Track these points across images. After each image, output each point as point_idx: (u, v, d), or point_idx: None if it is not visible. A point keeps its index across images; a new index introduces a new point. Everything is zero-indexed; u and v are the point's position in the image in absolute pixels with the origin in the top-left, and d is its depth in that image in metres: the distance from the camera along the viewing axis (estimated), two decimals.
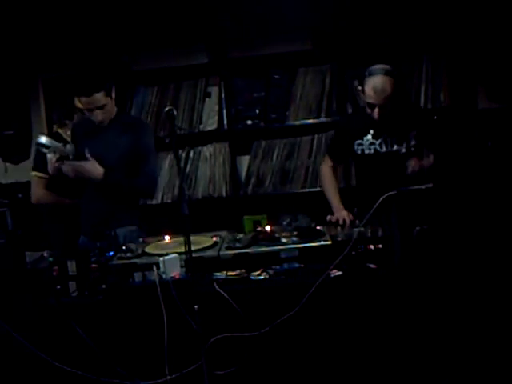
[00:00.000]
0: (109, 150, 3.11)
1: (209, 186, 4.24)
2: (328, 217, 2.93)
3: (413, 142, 3.11)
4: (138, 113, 4.29)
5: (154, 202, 4.25)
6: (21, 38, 4.12)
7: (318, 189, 3.40)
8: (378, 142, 3.14)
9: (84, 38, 4.13)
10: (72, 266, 2.45)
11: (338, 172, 3.49)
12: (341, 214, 2.94)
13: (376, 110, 3.00)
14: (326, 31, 4.08)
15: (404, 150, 3.11)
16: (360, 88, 3.10)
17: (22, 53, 4.19)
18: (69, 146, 3.08)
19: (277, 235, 2.64)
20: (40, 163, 3.32)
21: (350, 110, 4.09)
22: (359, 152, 3.18)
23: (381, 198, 2.52)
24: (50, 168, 3.07)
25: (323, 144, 4.14)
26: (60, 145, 3.05)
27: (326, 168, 3.32)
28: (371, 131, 3.14)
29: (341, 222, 2.87)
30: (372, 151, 3.15)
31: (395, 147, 3.12)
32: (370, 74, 3.01)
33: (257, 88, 4.21)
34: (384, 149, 3.13)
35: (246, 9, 4.08)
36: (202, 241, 2.64)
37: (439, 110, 3.98)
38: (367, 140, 3.15)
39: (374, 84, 2.97)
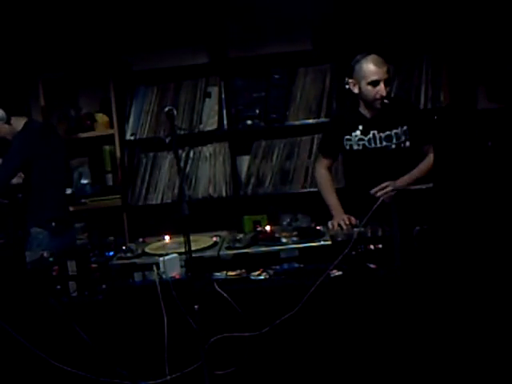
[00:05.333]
0: None
1: (209, 186, 4.24)
2: (329, 224, 2.88)
3: (403, 138, 3.11)
4: (138, 113, 4.30)
5: (154, 202, 4.26)
6: (21, 39, 4.12)
7: (318, 189, 3.39)
8: (366, 138, 3.12)
9: (84, 37, 4.13)
10: (72, 266, 2.45)
11: (332, 171, 3.44)
12: (342, 217, 2.91)
13: (381, 85, 2.98)
14: (326, 31, 4.08)
15: (393, 147, 3.11)
16: (351, 81, 3.08)
17: (22, 53, 4.20)
18: None
19: (277, 235, 2.64)
20: None
21: None
22: (348, 148, 3.16)
23: (381, 198, 2.52)
24: None
25: None
26: None
27: (321, 170, 3.31)
28: (360, 127, 3.12)
29: (343, 226, 2.83)
30: (360, 147, 3.13)
31: (384, 143, 3.11)
32: (361, 59, 3.03)
33: (257, 88, 4.21)
34: (373, 145, 3.12)
35: (246, 9, 4.09)
36: (201, 241, 2.64)
37: (439, 110, 3.98)
38: (356, 136, 3.13)
39: (373, 60, 2.99)
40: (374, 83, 3.00)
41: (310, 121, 4.12)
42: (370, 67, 2.99)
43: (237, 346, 2.28)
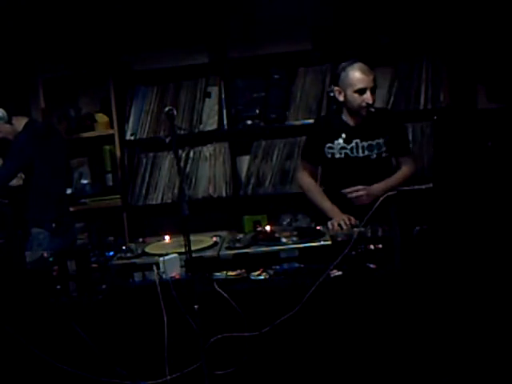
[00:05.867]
0: None
1: (209, 186, 4.24)
2: (329, 224, 2.88)
3: (384, 149, 3.10)
4: (138, 113, 4.30)
5: (154, 202, 4.26)
6: (21, 39, 4.12)
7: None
8: (349, 147, 3.11)
9: (84, 37, 4.13)
10: (72, 266, 2.45)
11: (317, 176, 3.40)
12: (342, 217, 2.90)
13: (368, 93, 2.98)
14: (326, 31, 4.08)
15: (375, 156, 3.10)
16: (336, 88, 3.07)
17: (22, 53, 4.20)
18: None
19: (277, 235, 2.64)
20: None
21: None
22: (329, 156, 3.15)
23: (381, 198, 2.51)
24: None
25: None
26: None
27: (304, 177, 3.28)
28: (343, 135, 3.11)
29: (343, 226, 2.83)
30: (343, 155, 3.12)
31: (366, 153, 3.10)
32: (347, 66, 3.02)
33: (257, 88, 4.21)
34: (355, 153, 3.10)
35: (246, 9, 4.09)
36: (202, 241, 2.64)
37: (439, 110, 3.98)
38: (338, 144, 3.11)
39: (359, 68, 2.99)
40: (361, 91, 2.99)
41: (310, 121, 4.10)
42: (357, 75, 2.98)
43: (237, 346, 2.27)
